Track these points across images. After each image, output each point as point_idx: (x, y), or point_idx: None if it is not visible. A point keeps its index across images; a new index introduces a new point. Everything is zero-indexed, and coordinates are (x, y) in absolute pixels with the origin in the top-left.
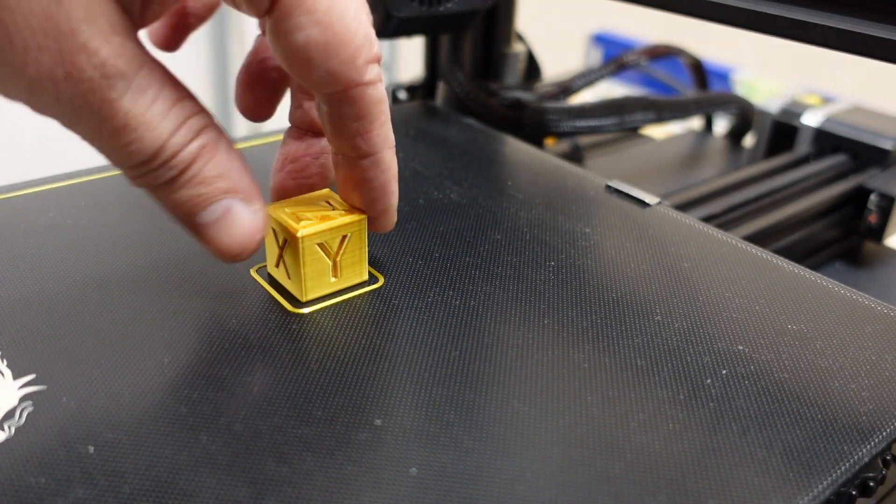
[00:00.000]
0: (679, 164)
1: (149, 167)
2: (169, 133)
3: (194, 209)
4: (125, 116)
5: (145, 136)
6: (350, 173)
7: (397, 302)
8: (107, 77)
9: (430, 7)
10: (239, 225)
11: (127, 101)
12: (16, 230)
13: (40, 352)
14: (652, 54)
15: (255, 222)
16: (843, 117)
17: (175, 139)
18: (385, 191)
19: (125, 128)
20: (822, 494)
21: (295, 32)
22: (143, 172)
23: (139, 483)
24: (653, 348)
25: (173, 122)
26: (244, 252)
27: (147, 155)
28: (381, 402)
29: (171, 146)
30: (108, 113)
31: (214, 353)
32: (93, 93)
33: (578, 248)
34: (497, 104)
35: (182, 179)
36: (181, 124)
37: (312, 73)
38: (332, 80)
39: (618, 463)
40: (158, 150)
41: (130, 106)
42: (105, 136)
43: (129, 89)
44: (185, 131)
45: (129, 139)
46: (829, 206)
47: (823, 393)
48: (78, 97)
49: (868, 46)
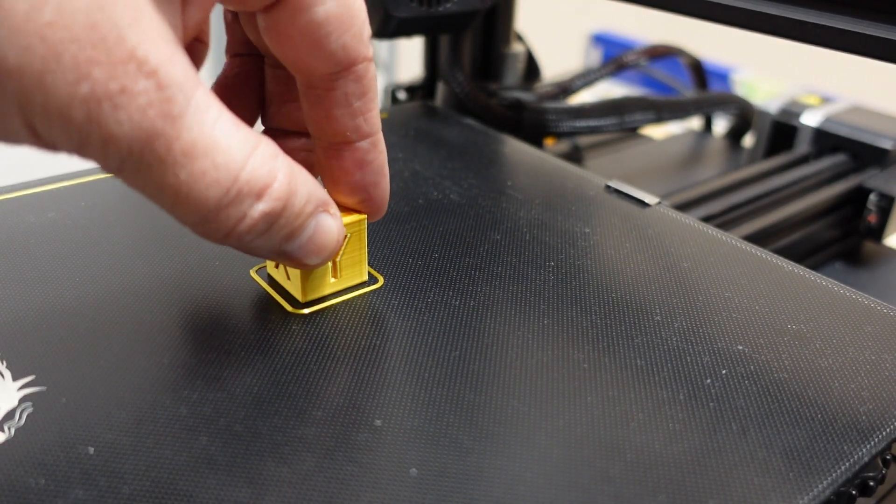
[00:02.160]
0: (679, 164)
1: (233, 210)
2: (246, 154)
3: (289, 240)
4: (192, 138)
5: (218, 159)
6: (343, 163)
7: (397, 302)
8: (161, 88)
9: (429, 7)
10: (327, 235)
11: (190, 118)
12: (16, 230)
13: (40, 353)
14: (651, 54)
15: (339, 225)
16: (842, 117)
17: (254, 162)
18: (384, 171)
19: (193, 152)
20: (822, 494)
21: (315, 7)
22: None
23: (139, 484)
24: (653, 348)
25: (247, 143)
26: (331, 256)
27: (225, 188)
28: (381, 402)
29: (257, 176)
30: (172, 132)
31: (214, 354)
32: (151, 107)
33: (578, 249)
34: (497, 104)
35: (281, 220)
36: (256, 145)
37: (326, 48)
38: (345, 54)
39: (618, 463)
40: (237, 176)
41: (195, 124)
42: (172, 169)
43: (189, 106)
44: (265, 152)
45: (202, 167)
46: (828, 206)
47: (823, 393)
48: (137, 117)
49: (868, 46)
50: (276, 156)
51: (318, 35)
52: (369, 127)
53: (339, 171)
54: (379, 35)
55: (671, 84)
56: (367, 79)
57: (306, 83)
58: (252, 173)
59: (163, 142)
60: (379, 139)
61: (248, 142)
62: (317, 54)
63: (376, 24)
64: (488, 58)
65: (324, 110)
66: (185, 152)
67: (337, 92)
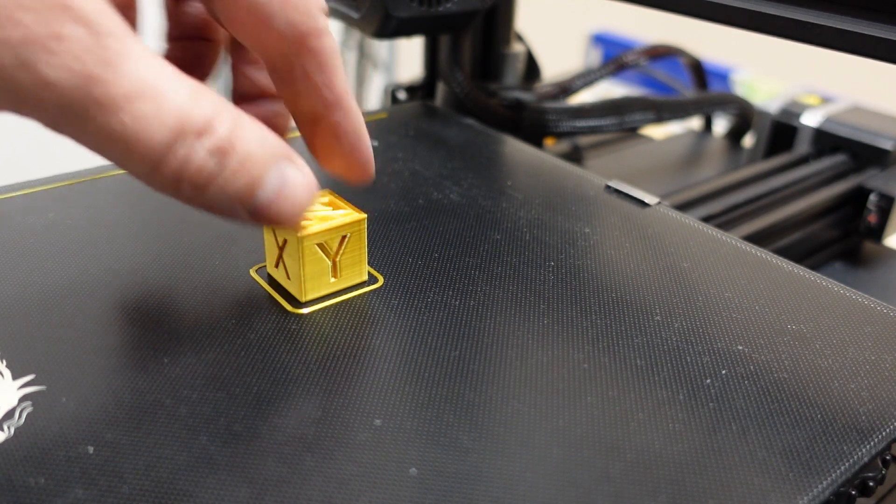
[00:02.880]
0: (679, 164)
1: (179, 149)
2: (189, 96)
3: (252, 190)
4: (131, 82)
5: (162, 102)
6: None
7: (397, 302)
8: (95, 35)
9: (429, 7)
10: (297, 188)
11: (129, 66)
12: (16, 230)
13: (40, 352)
14: (651, 54)
15: (309, 177)
16: (842, 117)
17: (199, 104)
18: (359, 135)
19: (135, 96)
20: (822, 494)
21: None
22: (176, 159)
23: (139, 483)
24: (652, 348)
25: (189, 90)
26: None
27: (171, 128)
28: (381, 402)
29: (199, 114)
30: (110, 77)
31: (214, 354)
32: (86, 53)
33: (578, 249)
34: (496, 104)
35: (232, 161)
36: (199, 92)
37: (273, 26)
38: (293, 30)
39: (618, 463)
40: (184, 119)
41: (134, 70)
42: (115, 115)
43: (126, 52)
44: (209, 97)
45: (145, 110)
46: (828, 206)
47: (823, 393)
48: (71, 62)
49: (868, 46)
50: (222, 100)
51: (263, 14)
52: (335, 95)
53: (320, 143)
54: (379, 35)
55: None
56: (323, 53)
57: (269, 65)
58: (196, 112)
59: (101, 87)
60: (349, 105)
61: (190, 86)
62: (266, 35)
63: (376, 24)
64: (488, 58)
65: (290, 88)
66: (126, 96)
67: (296, 69)
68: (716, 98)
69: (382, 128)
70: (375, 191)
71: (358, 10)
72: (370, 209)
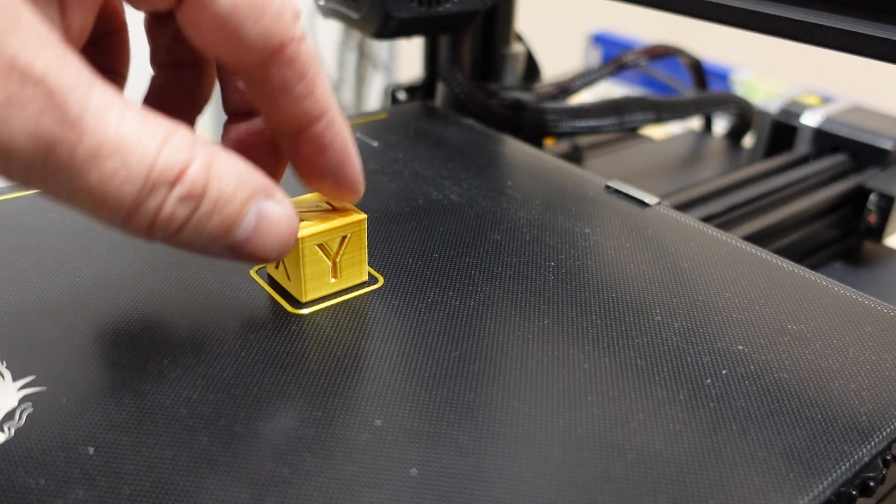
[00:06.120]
0: (679, 164)
1: (151, 202)
2: (157, 146)
3: (228, 230)
4: (94, 139)
5: (129, 157)
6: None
7: (397, 302)
8: (52, 94)
9: (429, 7)
10: (276, 223)
11: (91, 122)
12: (16, 230)
13: (40, 353)
14: (651, 54)
15: (288, 212)
16: (842, 117)
17: (167, 153)
18: (347, 150)
19: (99, 153)
20: (823, 494)
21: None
22: (147, 211)
23: (139, 484)
24: (653, 348)
25: (158, 137)
26: (288, 247)
27: (139, 184)
28: (381, 402)
29: (169, 164)
30: (72, 137)
31: (214, 354)
32: (45, 114)
33: (578, 249)
34: (496, 105)
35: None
36: (168, 136)
37: (244, 38)
38: (266, 41)
39: (618, 463)
40: (153, 172)
41: (97, 125)
42: (81, 173)
43: (87, 108)
44: (178, 143)
45: (111, 168)
46: (828, 206)
47: (823, 393)
48: (31, 126)
49: (868, 46)
50: (193, 143)
51: (232, 27)
52: (318, 108)
53: (303, 158)
54: (379, 35)
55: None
56: (300, 61)
57: (244, 77)
58: (165, 163)
59: (63, 148)
60: (334, 118)
61: (158, 134)
62: (237, 48)
63: (376, 25)
64: (488, 58)
65: (268, 100)
66: (90, 155)
67: (273, 81)
68: (716, 98)
69: (382, 128)
70: (375, 191)
71: (358, 10)
72: (370, 209)
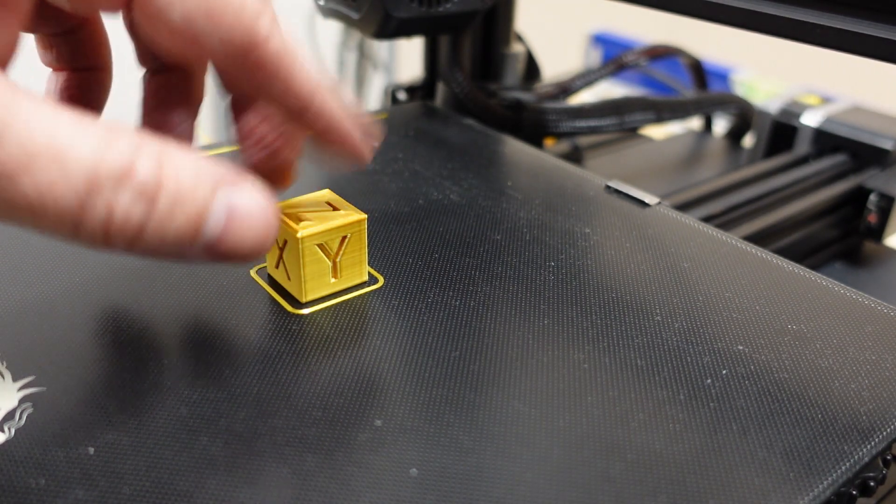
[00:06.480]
0: (679, 164)
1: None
2: (97, 148)
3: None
4: (23, 148)
5: (67, 163)
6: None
7: (397, 302)
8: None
9: (429, 8)
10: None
11: (18, 131)
12: (16, 230)
13: (40, 353)
14: (651, 54)
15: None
16: (842, 117)
17: (110, 153)
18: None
19: (31, 163)
20: (823, 494)
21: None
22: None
23: (139, 484)
24: (653, 348)
25: (97, 135)
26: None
27: (79, 187)
28: (382, 402)
29: (114, 160)
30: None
31: (214, 354)
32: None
33: (578, 249)
34: (496, 105)
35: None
36: (110, 137)
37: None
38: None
39: (618, 463)
40: (95, 172)
41: (24, 133)
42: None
43: (11, 121)
44: (123, 141)
45: (47, 175)
46: (828, 206)
47: (823, 393)
48: None
49: (868, 46)
50: (140, 140)
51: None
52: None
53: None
54: (379, 35)
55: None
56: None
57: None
58: (109, 161)
59: None
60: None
61: (98, 136)
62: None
63: (376, 25)
64: (488, 58)
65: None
66: (21, 166)
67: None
68: (716, 98)
69: (382, 128)
70: (375, 191)
71: (358, 10)
72: (370, 209)
